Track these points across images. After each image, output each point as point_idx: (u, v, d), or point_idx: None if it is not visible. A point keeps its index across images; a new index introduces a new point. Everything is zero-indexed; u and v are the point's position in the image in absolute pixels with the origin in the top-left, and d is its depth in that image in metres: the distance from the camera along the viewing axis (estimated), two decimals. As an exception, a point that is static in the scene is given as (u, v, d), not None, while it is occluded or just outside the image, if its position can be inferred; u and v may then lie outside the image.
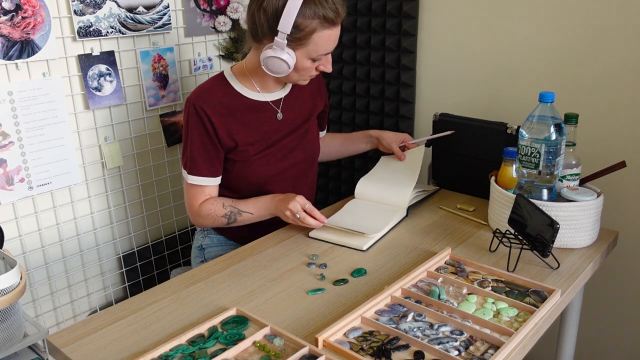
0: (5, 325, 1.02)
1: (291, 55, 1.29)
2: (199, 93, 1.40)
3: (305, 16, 1.25)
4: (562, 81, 1.55)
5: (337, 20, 1.30)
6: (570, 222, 1.25)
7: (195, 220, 1.46)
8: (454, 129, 1.60)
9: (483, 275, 1.16)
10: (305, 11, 1.25)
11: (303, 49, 1.30)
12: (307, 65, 1.34)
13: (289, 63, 1.29)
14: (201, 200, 1.43)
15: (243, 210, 1.42)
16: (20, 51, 1.50)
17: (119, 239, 1.86)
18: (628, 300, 1.60)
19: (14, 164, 1.55)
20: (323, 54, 1.33)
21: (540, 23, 1.56)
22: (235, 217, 1.42)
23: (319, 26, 1.27)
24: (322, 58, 1.35)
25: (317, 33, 1.28)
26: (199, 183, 1.42)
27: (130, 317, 1.07)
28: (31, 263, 1.66)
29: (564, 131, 1.23)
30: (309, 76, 1.40)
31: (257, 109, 1.44)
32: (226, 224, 1.43)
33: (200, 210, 1.43)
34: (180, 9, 1.86)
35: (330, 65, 1.38)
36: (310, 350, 0.93)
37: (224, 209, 1.41)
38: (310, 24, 1.26)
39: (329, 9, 1.27)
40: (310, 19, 1.26)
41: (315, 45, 1.30)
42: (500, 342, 0.93)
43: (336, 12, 1.29)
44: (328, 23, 1.28)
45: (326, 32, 1.29)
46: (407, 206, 1.47)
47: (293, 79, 1.40)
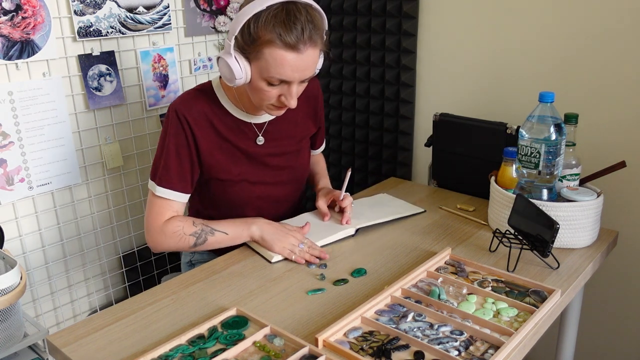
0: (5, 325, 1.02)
1: (240, 64, 1.15)
2: (184, 101, 1.28)
3: (260, 23, 1.11)
4: (562, 81, 1.55)
5: (300, 46, 1.12)
6: (570, 222, 1.25)
7: (155, 239, 1.27)
8: (454, 129, 1.60)
9: (483, 275, 1.16)
10: (263, 18, 1.10)
11: (256, 63, 1.15)
12: (262, 87, 1.18)
13: (234, 70, 1.15)
14: (167, 217, 1.28)
15: (217, 229, 1.27)
16: (21, 51, 1.50)
17: (119, 239, 1.86)
18: (628, 300, 1.60)
19: (14, 164, 1.55)
20: (278, 79, 1.16)
21: (540, 23, 1.56)
22: (206, 236, 1.26)
23: (274, 41, 1.11)
24: (283, 86, 1.18)
25: (269, 49, 1.12)
26: (167, 197, 1.27)
27: (130, 317, 1.07)
28: (31, 263, 1.66)
29: (564, 131, 1.23)
30: (271, 105, 1.23)
31: (240, 129, 1.33)
32: (193, 245, 1.26)
33: (166, 227, 1.26)
34: (180, 9, 1.86)
35: (294, 101, 1.20)
36: (310, 350, 0.93)
37: (194, 226, 1.27)
38: (263, 35, 1.11)
39: (292, 30, 1.10)
40: (264, 29, 1.11)
41: (266, 63, 1.13)
42: (500, 342, 0.93)
43: (299, 37, 1.11)
44: (285, 44, 1.11)
45: (281, 52, 1.12)
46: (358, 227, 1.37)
47: (255, 101, 1.25)
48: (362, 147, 2.05)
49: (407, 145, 1.93)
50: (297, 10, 1.12)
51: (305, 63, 1.16)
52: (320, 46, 1.18)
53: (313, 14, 1.15)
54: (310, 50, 1.15)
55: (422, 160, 1.93)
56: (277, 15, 1.11)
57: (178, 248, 1.28)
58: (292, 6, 1.12)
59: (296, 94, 1.20)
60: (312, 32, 1.13)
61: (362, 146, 2.05)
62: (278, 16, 1.11)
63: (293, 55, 1.13)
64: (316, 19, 1.15)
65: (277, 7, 1.11)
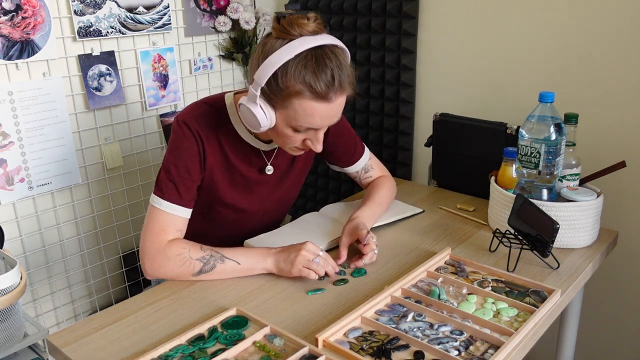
0: (5, 325, 1.02)
1: (266, 113, 1.08)
2: (196, 115, 1.21)
3: (289, 74, 1.04)
4: (562, 81, 1.55)
5: (331, 95, 1.06)
6: (570, 222, 1.25)
7: (154, 261, 1.16)
8: (454, 129, 1.60)
9: (483, 275, 1.16)
10: (292, 68, 1.04)
11: (283, 112, 1.09)
12: (287, 133, 1.12)
13: (259, 120, 1.08)
14: (170, 237, 1.17)
15: (228, 257, 1.17)
16: (21, 51, 1.50)
17: (119, 239, 1.86)
18: (628, 300, 1.60)
19: (14, 164, 1.55)
20: (306, 127, 1.11)
21: (540, 23, 1.56)
22: (215, 263, 1.16)
23: (303, 92, 1.05)
24: (309, 132, 1.13)
25: (298, 99, 1.06)
26: (173, 212, 1.17)
27: (130, 317, 1.07)
28: (31, 263, 1.66)
29: (564, 131, 1.23)
30: (295, 147, 1.17)
31: (247, 156, 1.27)
32: (197, 272, 1.16)
33: (168, 248, 1.15)
34: (180, 9, 1.86)
35: (320, 145, 1.15)
36: (310, 350, 0.93)
37: (202, 251, 1.16)
38: (291, 85, 1.04)
39: (323, 80, 1.04)
40: (294, 80, 1.04)
41: (295, 113, 1.08)
42: (500, 342, 0.93)
43: (330, 86, 1.05)
44: (315, 95, 1.05)
45: (311, 103, 1.06)
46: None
47: (277, 142, 1.19)
48: (362, 147, 2.05)
49: (407, 145, 1.93)
50: (326, 57, 1.06)
51: (335, 111, 1.12)
52: (348, 91, 1.12)
53: (342, 57, 1.09)
54: (340, 98, 1.10)
55: (422, 160, 1.93)
56: (306, 64, 1.04)
57: (178, 275, 1.17)
58: (321, 52, 1.06)
59: (322, 138, 1.16)
60: (342, 78, 1.07)
61: (362, 146, 2.05)
62: (308, 66, 1.04)
63: (323, 105, 1.07)
64: (345, 62, 1.09)
65: (305, 54, 1.04)
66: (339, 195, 2.15)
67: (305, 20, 1.06)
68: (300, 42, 1.05)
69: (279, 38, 1.06)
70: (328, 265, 1.17)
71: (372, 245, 1.22)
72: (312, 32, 1.06)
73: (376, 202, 1.40)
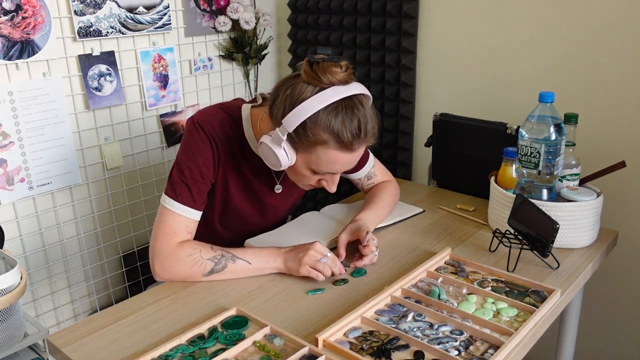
0: (5, 325, 1.02)
1: (288, 154, 1.09)
2: (211, 119, 1.19)
3: (318, 122, 1.04)
4: (562, 81, 1.55)
5: (355, 146, 1.08)
6: (570, 222, 1.25)
7: (165, 263, 1.16)
8: (454, 129, 1.60)
9: (483, 275, 1.16)
10: (322, 117, 1.04)
11: (304, 155, 1.10)
12: (305, 174, 1.14)
13: (281, 161, 1.10)
14: (181, 238, 1.18)
15: (239, 256, 1.18)
16: (21, 51, 1.50)
17: (119, 239, 1.86)
18: (628, 300, 1.60)
19: (14, 164, 1.55)
20: (326, 172, 1.14)
21: (540, 23, 1.56)
22: (226, 263, 1.17)
23: (329, 142, 1.06)
24: (326, 174, 1.16)
25: (323, 148, 1.07)
26: (185, 214, 1.17)
27: (130, 317, 1.07)
28: (31, 263, 1.66)
29: (564, 131, 1.23)
30: (308, 185, 1.20)
31: (258, 171, 1.26)
32: (208, 272, 1.16)
33: (180, 250, 1.16)
34: (180, 9, 1.86)
35: (335, 186, 1.18)
36: (310, 350, 0.93)
37: (212, 251, 1.17)
38: (319, 134, 1.05)
39: (349, 130, 1.05)
40: (321, 129, 1.05)
41: (317, 159, 1.09)
42: (500, 342, 0.93)
43: (356, 137, 1.07)
44: (340, 144, 1.07)
45: (335, 152, 1.08)
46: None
47: (291, 177, 1.21)
48: (362, 147, 2.05)
49: (407, 145, 1.93)
50: (355, 108, 1.07)
51: (356, 159, 1.13)
52: (371, 141, 1.13)
53: (367, 107, 1.10)
54: (363, 147, 1.12)
55: (422, 160, 1.93)
56: (337, 115, 1.05)
57: (189, 276, 1.17)
58: (351, 103, 1.06)
59: (337, 180, 1.19)
60: (367, 129, 1.09)
61: (362, 146, 2.05)
62: (338, 116, 1.05)
63: (346, 154, 1.09)
64: (371, 112, 1.10)
65: (336, 105, 1.05)
66: (339, 195, 2.15)
67: (338, 68, 1.06)
68: (332, 92, 1.05)
69: (309, 84, 1.06)
70: (335, 266, 1.17)
71: (372, 247, 1.23)
72: (342, 82, 1.07)
73: (379, 205, 1.40)
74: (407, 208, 1.51)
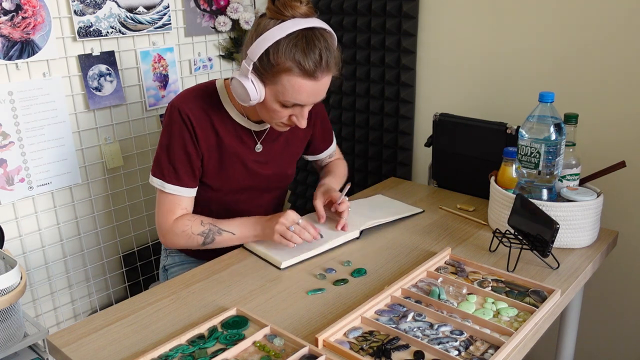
0: (5, 325, 1.02)
1: (256, 87, 1.15)
2: (186, 99, 1.28)
3: (280, 51, 1.11)
4: (562, 81, 1.55)
5: (318, 74, 1.14)
6: (570, 222, 1.25)
7: (166, 238, 1.30)
8: (454, 129, 1.60)
9: (483, 275, 1.16)
10: (283, 46, 1.11)
11: (271, 87, 1.16)
12: (275, 108, 1.19)
13: (250, 93, 1.15)
14: (177, 215, 1.29)
15: (224, 229, 1.28)
16: (21, 51, 1.50)
17: (119, 239, 1.86)
18: (628, 300, 1.60)
19: (14, 164, 1.55)
20: (293, 103, 1.18)
21: (540, 23, 1.56)
22: (214, 236, 1.27)
23: (292, 69, 1.12)
24: (295, 108, 1.20)
25: (287, 76, 1.13)
26: (177, 193, 1.28)
27: (130, 317, 1.07)
28: (31, 263, 1.66)
29: (564, 131, 1.23)
30: (281, 122, 1.24)
31: (239, 135, 1.33)
32: (202, 244, 1.28)
33: (175, 226, 1.28)
34: (180, 9, 1.86)
35: (304, 121, 1.22)
36: (310, 350, 0.93)
37: (202, 226, 1.27)
38: (282, 63, 1.12)
39: (311, 58, 1.12)
40: (284, 57, 1.11)
41: (283, 89, 1.15)
42: (500, 342, 0.93)
43: (317, 65, 1.13)
44: (303, 72, 1.12)
45: (299, 80, 1.13)
46: (362, 229, 1.36)
47: (264, 118, 1.25)
48: (362, 147, 2.05)
49: (407, 145, 1.93)
50: (315, 38, 1.13)
51: (321, 89, 1.18)
52: (334, 71, 1.19)
53: (329, 39, 1.16)
54: (326, 77, 1.17)
55: (422, 160, 1.93)
56: (297, 43, 1.11)
57: (189, 246, 1.29)
58: (311, 33, 1.13)
59: (307, 115, 1.23)
60: (329, 59, 1.15)
61: (362, 146, 2.05)
62: (298, 45, 1.11)
63: (310, 82, 1.15)
64: (332, 44, 1.17)
65: (297, 34, 1.12)
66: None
67: (298, 2, 1.13)
68: (292, 22, 1.12)
69: (272, 18, 1.14)
70: (305, 232, 1.25)
71: (347, 203, 1.36)
72: (303, 15, 1.14)
73: (339, 175, 1.55)
74: (407, 207, 1.51)
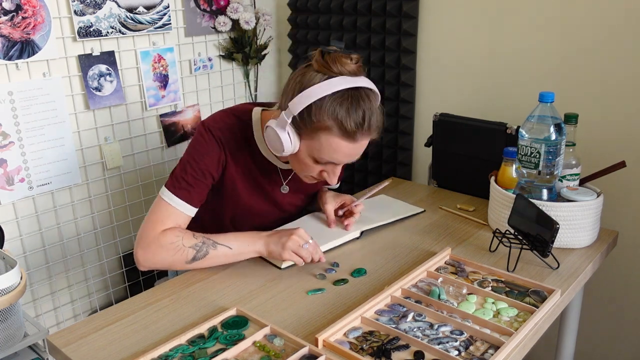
0: (5, 325, 1.02)
1: (291, 139, 1.12)
2: (222, 127, 1.23)
3: (323, 108, 1.07)
4: (562, 81, 1.55)
5: (358, 136, 1.10)
6: (570, 222, 1.25)
7: (147, 249, 1.17)
8: (454, 129, 1.60)
9: (483, 275, 1.16)
10: (327, 104, 1.07)
11: (308, 142, 1.12)
12: (307, 162, 1.16)
13: (284, 145, 1.11)
14: (168, 227, 1.19)
15: (220, 242, 1.19)
16: (21, 51, 1.50)
17: (119, 239, 1.86)
18: (628, 300, 1.60)
19: (14, 164, 1.55)
20: (326, 161, 1.15)
21: (540, 23, 1.56)
22: (208, 249, 1.18)
23: (332, 128, 1.08)
24: (328, 165, 1.17)
25: (326, 134, 1.09)
26: (178, 207, 1.20)
27: (130, 317, 1.07)
28: (31, 263, 1.66)
29: (564, 131, 1.23)
30: (310, 176, 1.21)
31: (267, 171, 1.30)
32: (191, 259, 1.17)
33: (162, 237, 1.17)
34: (180, 9, 1.86)
35: (335, 179, 1.20)
36: (310, 350, 0.93)
37: (194, 238, 1.18)
38: (323, 120, 1.08)
39: (353, 119, 1.08)
40: (326, 115, 1.07)
41: (320, 146, 1.11)
42: (500, 342, 0.93)
43: (359, 127, 1.09)
44: (343, 132, 1.09)
45: (337, 140, 1.10)
46: (363, 229, 1.36)
47: (294, 168, 1.23)
48: (362, 147, 2.05)
49: (407, 145, 1.93)
50: (361, 99, 1.09)
51: (358, 151, 1.15)
52: (374, 135, 1.15)
53: (374, 101, 1.13)
54: (366, 139, 1.14)
55: (422, 160, 1.93)
56: (342, 103, 1.08)
57: (171, 263, 1.18)
58: (357, 94, 1.09)
59: (339, 173, 1.20)
60: (372, 121, 1.11)
61: (362, 146, 2.05)
62: (343, 105, 1.08)
63: (349, 144, 1.11)
64: (376, 107, 1.13)
65: (342, 93, 1.08)
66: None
67: (348, 60, 1.10)
68: (339, 80, 1.08)
69: (319, 72, 1.09)
70: (316, 253, 1.21)
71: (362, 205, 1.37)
72: (351, 73, 1.10)
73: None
74: (407, 208, 1.51)
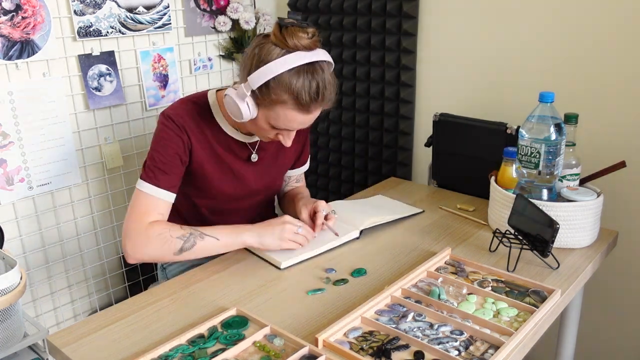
0: (5, 325, 1.02)
1: (250, 109, 1.16)
2: (180, 110, 1.27)
3: (280, 83, 1.12)
4: (562, 81, 1.55)
5: (312, 108, 1.16)
6: (570, 222, 1.25)
7: (136, 242, 1.18)
8: (454, 129, 1.60)
9: (483, 275, 1.16)
10: (284, 79, 1.12)
11: (265, 111, 1.17)
12: (264, 127, 1.21)
13: (243, 113, 1.16)
14: (152, 219, 1.21)
15: (207, 234, 1.21)
16: (21, 51, 1.50)
17: (118, 239, 1.86)
18: (628, 300, 1.60)
19: (14, 164, 1.55)
20: (283, 128, 1.20)
21: (540, 23, 1.56)
22: (195, 240, 1.20)
23: (288, 102, 1.14)
24: (283, 131, 1.22)
25: (282, 107, 1.15)
26: (156, 195, 1.22)
27: (130, 317, 1.07)
28: (31, 263, 1.66)
29: (564, 131, 1.23)
30: (267, 137, 1.26)
31: (232, 149, 1.33)
32: (178, 250, 1.19)
33: (150, 229, 1.19)
34: (180, 9, 1.86)
35: (290, 142, 1.25)
36: (310, 350, 0.93)
37: (181, 229, 1.20)
38: (280, 94, 1.13)
39: (308, 93, 1.13)
40: (282, 90, 1.12)
41: (276, 116, 1.16)
42: (500, 342, 0.93)
43: (313, 100, 1.14)
44: (299, 105, 1.14)
45: (293, 112, 1.15)
46: (362, 229, 1.37)
47: (252, 130, 1.27)
48: (362, 147, 2.05)
49: (407, 145, 1.93)
50: (316, 73, 1.14)
51: (311, 119, 1.21)
52: (327, 105, 1.20)
53: (328, 72, 1.17)
54: (319, 109, 1.19)
55: (422, 160, 1.93)
56: (298, 78, 1.12)
57: (160, 255, 1.20)
58: (312, 69, 1.13)
59: (293, 136, 1.26)
60: (325, 94, 1.16)
61: (362, 146, 2.05)
62: (299, 80, 1.12)
63: (303, 115, 1.17)
64: (330, 78, 1.18)
65: (298, 69, 1.12)
66: (339, 195, 2.15)
67: (305, 34, 1.14)
68: (295, 56, 1.12)
69: (276, 45, 1.13)
70: (309, 234, 1.28)
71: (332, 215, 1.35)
72: (306, 48, 1.14)
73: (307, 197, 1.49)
74: (407, 207, 1.51)
